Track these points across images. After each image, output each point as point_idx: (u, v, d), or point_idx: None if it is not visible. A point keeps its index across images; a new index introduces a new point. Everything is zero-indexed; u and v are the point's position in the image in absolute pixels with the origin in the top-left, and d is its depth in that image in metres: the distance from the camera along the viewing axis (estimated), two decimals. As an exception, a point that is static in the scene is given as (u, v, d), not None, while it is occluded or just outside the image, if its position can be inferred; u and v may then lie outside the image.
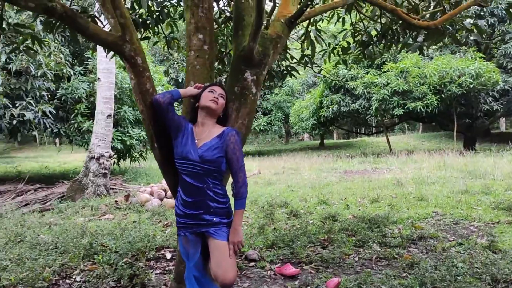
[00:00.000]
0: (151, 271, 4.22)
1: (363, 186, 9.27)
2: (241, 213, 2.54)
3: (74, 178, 9.28)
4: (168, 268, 4.37)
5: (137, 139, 12.11)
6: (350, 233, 5.31)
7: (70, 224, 6.18)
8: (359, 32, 5.58)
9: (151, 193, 8.44)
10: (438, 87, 16.98)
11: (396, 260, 4.30)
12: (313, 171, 12.99)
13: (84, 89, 11.32)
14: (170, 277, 3.98)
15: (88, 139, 10.32)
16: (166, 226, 6.18)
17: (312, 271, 4.14)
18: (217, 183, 2.53)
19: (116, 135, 11.31)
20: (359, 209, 6.91)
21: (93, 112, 9.54)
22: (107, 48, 2.59)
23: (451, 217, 6.04)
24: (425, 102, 16.73)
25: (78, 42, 4.31)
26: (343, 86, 19.09)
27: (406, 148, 21.65)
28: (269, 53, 2.97)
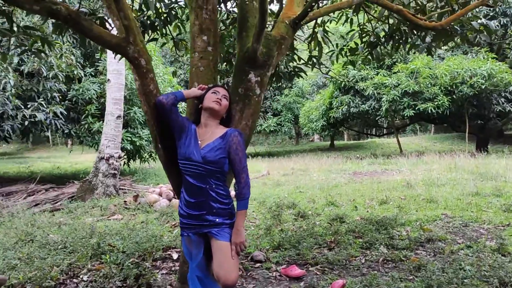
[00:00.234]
0: (157, 271, 4.25)
1: (372, 188, 9.21)
2: (244, 214, 2.54)
3: (84, 179, 9.38)
4: (174, 268, 4.39)
5: (147, 140, 12.19)
6: (357, 235, 5.29)
7: (79, 224, 6.24)
8: (367, 33, 5.55)
9: (160, 194, 8.49)
10: (450, 88, 16.81)
11: (403, 263, 4.27)
12: (322, 172, 12.95)
13: (95, 90, 11.44)
14: (176, 277, 4.00)
15: (98, 140, 10.41)
16: (174, 227, 6.20)
17: (318, 273, 4.13)
18: (220, 184, 2.54)
19: (126, 136, 11.40)
20: (367, 211, 6.87)
21: (103, 113, 9.63)
22: (111, 50, 2.61)
23: (461, 220, 5.98)
24: (436, 103, 16.58)
25: (86, 44, 4.34)
26: (353, 87, 18.99)
27: (418, 150, 21.48)
28: (273, 54, 2.97)
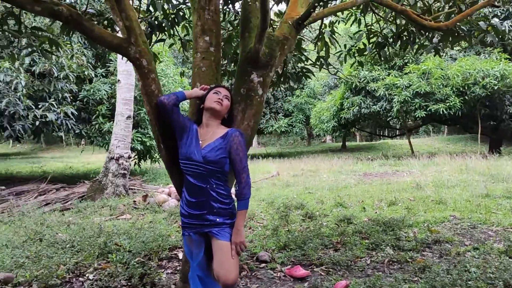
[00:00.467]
0: (163, 271, 4.28)
1: (381, 189, 9.15)
2: (244, 214, 2.55)
3: (94, 178, 9.47)
4: (180, 268, 4.41)
5: (157, 140, 12.23)
6: (364, 236, 5.26)
7: (88, 224, 6.30)
8: (375, 34, 5.53)
9: (169, 194, 8.55)
10: (462, 89, 16.62)
11: (409, 264, 4.24)
12: (332, 173, 12.91)
13: (106, 91, 11.55)
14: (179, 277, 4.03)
15: (109, 140, 10.51)
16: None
17: (323, 274, 4.12)
18: (221, 184, 2.55)
19: (136, 136, 11.49)
20: (376, 212, 6.83)
21: (114, 114, 9.73)
22: (113, 51, 2.64)
23: (469, 221, 5.91)
24: (448, 104, 16.41)
25: (96, 45, 4.39)
26: (364, 88, 18.89)
27: (430, 151, 21.29)
28: (276, 55, 2.98)
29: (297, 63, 5.84)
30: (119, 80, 9.30)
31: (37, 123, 9.50)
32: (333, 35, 5.26)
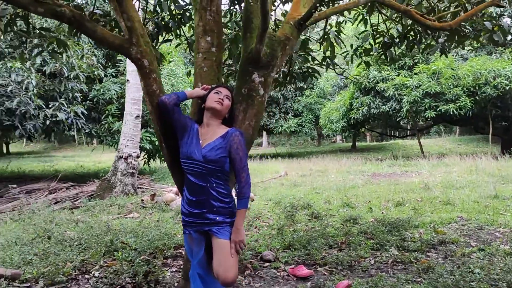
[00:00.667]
0: (167, 269, 4.32)
1: (389, 189, 9.12)
2: (244, 213, 2.57)
3: (104, 177, 9.58)
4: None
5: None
6: (369, 236, 5.25)
7: (96, 222, 6.38)
8: (381, 34, 5.52)
9: (177, 193, 8.60)
10: (472, 89, 16.47)
11: (413, 265, 4.22)
12: (340, 174, 12.88)
13: (115, 91, 11.66)
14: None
15: (118, 139, 10.59)
16: (187, 225, 6.26)
17: (326, 273, 4.13)
18: (221, 183, 2.57)
19: (145, 136, 11.57)
20: (382, 212, 6.81)
21: (123, 113, 9.82)
22: (115, 51, 2.68)
23: (476, 223, 5.87)
24: (458, 105, 16.26)
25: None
26: (373, 88, 18.80)
27: (441, 152, 21.13)
28: (277, 55, 2.99)
29: (304, 63, 5.84)
30: (128, 80, 9.39)
31: (48, 123, 9.63)
32: (339, 36, 5.26)
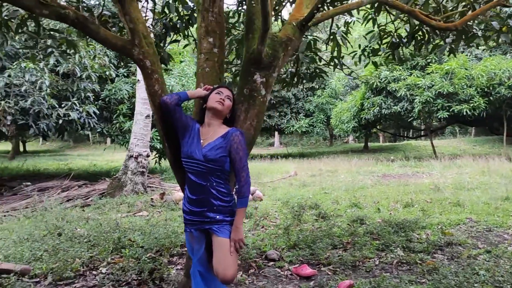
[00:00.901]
0: (172, 267, 4.37)
1: (398, 190, 9.07)
2: (243, 212, 2.60)
3: (114, 176, 9.70)
4: (189, 264, 4.50)
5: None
6: (375, 237, 5.25)
7: (105, 220, 6.47)
8: (388, 34, 5.50)
9: (186, 192, 8.66)
10: (486, 89, 16.26)
11: (418, 266, 4.21)
12: (350, 174, 12.83)
13: (127, 90, 11.80)
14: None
15: (129, 139, 10.72)
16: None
17: (329, 273, 4.15)
18: (221, 182, 2.61)
19: (156, 135, 11.68)
20: (390, 213, 6.78)
21: (134, 113, 9.93)
22: (117, 52, 2.74)
23: (485, 224, 5.82)
24: (472, 105, 16.07)
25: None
26: (385, 88, 18.67)
27: (455, 153, 20.88)
28: (279, 56, 3.02)
29: (311, 64, 5.85)
30: (139, 80, 9.49)
31: (61, 122, 9.80)
32: (346, 36, 5.26)
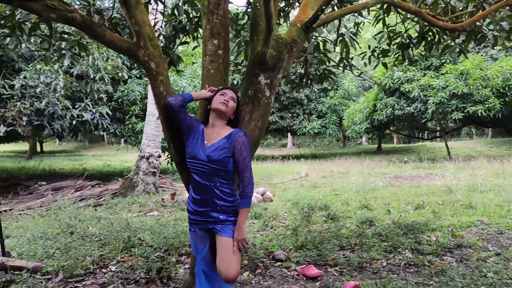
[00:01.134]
0: (180, 266, 4.42)
1: (410, 192, 9.00)
2: (246, 212, 2.63)
3: (126, 176, 9.82)
4: (196, 264, 4.54)
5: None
6: (383, 238, 5.23)
7: (117, 219, 6.57)
8: (398, 34, 5.48)
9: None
10: (502, 90, 16.02)
11: (426, 268, 4.19)
12: (362, 176, 12.77)
13: (139, 92, 11.94)
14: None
15: (141, 139, 10.85)
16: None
17: (336, 274, 4.15)
18: (225, 182, 2.64)
19: (168, 136, 11.75)
20: (401, 215, 6.74)
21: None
22: (123, 54, 2.80)
23: (496, 227, 5.76)
24: (487, 106, 15.85)
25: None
26: (398, 89, 18.52)
27: (470, 154, 20.61)
28: (283, 57, 3.05)
29: (320, 65, 5.85)
30: (151, 81, 9.58)
31: (74, 123, 9.96)
32: (355, 37, 5.25)
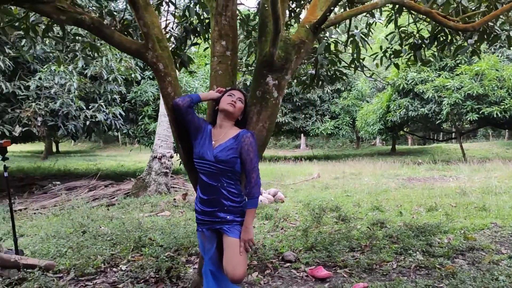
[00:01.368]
0: (190, 265, 4.45)
1: (423, 194, 8.90)
2: (253, 212, 2.63)
3: (139, 176, 9.91)
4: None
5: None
6: (394, 240, 5.19)
7: (129, 219, 6.64)
8: (409, 35, 5.43)
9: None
10: (518, 91, 15.78)
11: (437, 270, 4.15)
12: (374, 177, 12.67)
13: (152, 93, 12.04)
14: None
15: (154, 140, 10.95)
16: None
17: (345, 275, 4.13)
18: (232, 183, 2.65)
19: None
20: (413, 217, 6.68)
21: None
22: (132, 55, 2.83)
23: (510, 229, 5.67)
24: (503, 107, 15.60)
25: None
26: (412, 90, 18.33)
27: (486, 156, 20.29)
28: (291, 58, 3.05)
29: (331, 66, 5.82)
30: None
31: (88, 123, 10.10)
32: (366, 37, 5.22)
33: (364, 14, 5.74)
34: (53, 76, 9.22)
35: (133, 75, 9.65)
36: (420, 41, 5.41)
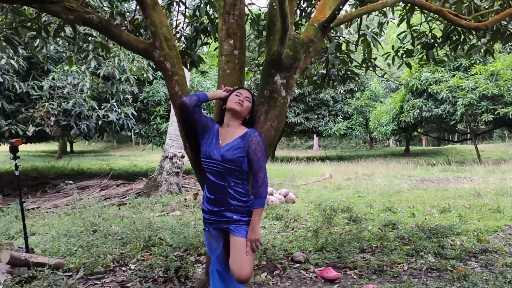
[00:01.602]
0: (199, 265, 4.44)
1: (436, 195, 8.78)
2: (260, 212, 2.61)
3: (150, 176, 9.96)
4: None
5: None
6: (406, 242, 5.12)
7: (139, 218, 6.67)
8: (421, 34, 5.36)
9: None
10: (534, 92, 15.49)
11: (448, 272, 4.08)
12: (387, 178, 12.55)
13: (164, 93, 12.09)
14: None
15: (165, 140, 10.99)
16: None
17: (355, 277, 4.09)
18: (239, 182, 2.63)
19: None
20: (425, 218, 6.59)
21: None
22: (140, 55, 2.83)
23: (525, 232, 5.56)
24: (518, 108, 15.35)
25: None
26: (426, 90, 18.12)
27: (502, 157, 19.98)
28: (300, 57, 3.02)
29: (343, 66, 5.77)
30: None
31: (100, 123, 10.19)
32: (377, 37, 5.16)
33: (376, 14, 5.70)
34: (66, 76, 9.32)
35: (145, 75, 9.70)
36: (433, 41, 5.34)
